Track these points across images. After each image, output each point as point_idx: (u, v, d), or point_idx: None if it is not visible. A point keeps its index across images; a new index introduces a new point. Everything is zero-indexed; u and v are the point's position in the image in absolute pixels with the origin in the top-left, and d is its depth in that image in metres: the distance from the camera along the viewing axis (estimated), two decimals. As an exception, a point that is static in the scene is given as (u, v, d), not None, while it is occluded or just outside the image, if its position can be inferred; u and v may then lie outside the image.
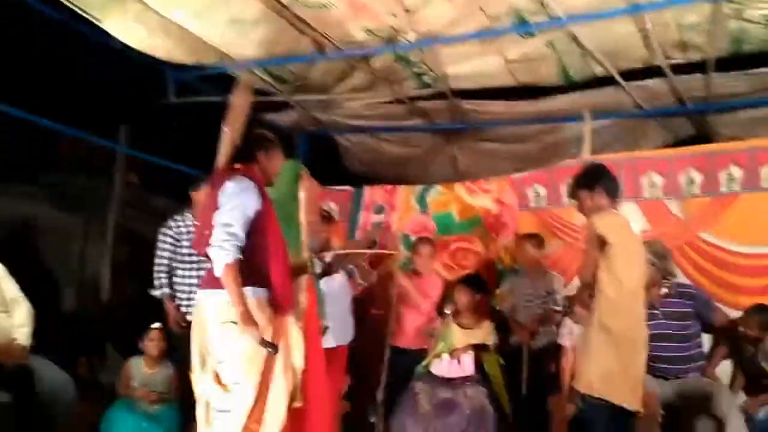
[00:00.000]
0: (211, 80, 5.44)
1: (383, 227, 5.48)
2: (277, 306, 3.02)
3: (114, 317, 5.34)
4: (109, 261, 5.73)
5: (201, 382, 2.99)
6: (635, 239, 3.46)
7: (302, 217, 3.72)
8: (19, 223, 5.22)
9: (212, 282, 2.97)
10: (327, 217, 4.73)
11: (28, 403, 3.24)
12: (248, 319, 2.83)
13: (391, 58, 5.08)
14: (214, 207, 2.99)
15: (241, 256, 2.89)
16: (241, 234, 2.91)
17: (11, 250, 4.34)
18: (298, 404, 3.20)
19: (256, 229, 2.98)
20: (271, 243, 3.04)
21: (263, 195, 3.06)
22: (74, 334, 5.02)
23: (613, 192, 3.45)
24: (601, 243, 3.27)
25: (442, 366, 4.31)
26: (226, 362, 2.92)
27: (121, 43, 4.50)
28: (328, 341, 4.35)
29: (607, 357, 3.25)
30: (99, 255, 5.79)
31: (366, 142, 6.47)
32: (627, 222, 3.46)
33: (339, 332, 4.43)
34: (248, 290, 2.91)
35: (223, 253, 2.85)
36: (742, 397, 4.04)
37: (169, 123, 5.67)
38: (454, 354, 4.31)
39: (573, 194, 3.57)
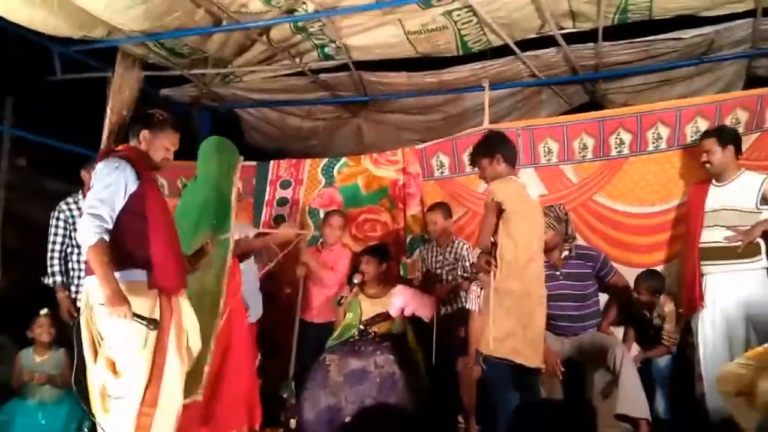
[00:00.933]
0: (101, 55, 5.17)
1: (290, 202, 5.42)
2: (160, 288, 2.95)
3: (5, 306, 5.05)
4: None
5: (94, 370, 2.90)
6: (532, 204, 3.57)
7: (234, 195, 3.67)
8: None
9: (90, 268, 2.90)
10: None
11: None
12: (115, 299, 2.74)
13: (290, 30, 4.98)
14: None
15: (106, 237, 2.81)
16: (107, 215, 2.83)
17: None
18: (198, 397, 3.21)
19: (132, 210, 2.90)
20: (151, 224, 2.95)
21: (143, 176, 2.97)
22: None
23: (511, 159, 3.57)
24: (499, 209, 3.38)
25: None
26: (116, 347, 2.85)
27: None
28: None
29: (507, 318, 3.36)
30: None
31: (269, 116, 6.37)
32: (524, 188, 3.57)
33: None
34: (119, 275, 2.83)
35: (86, 236, 2.79)
36: (635, 350, 4.30)
37: (56, 100, 5.36)
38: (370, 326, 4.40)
39: (474, 162, 3.68)
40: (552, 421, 3.82)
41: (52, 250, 4.20)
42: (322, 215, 5.23)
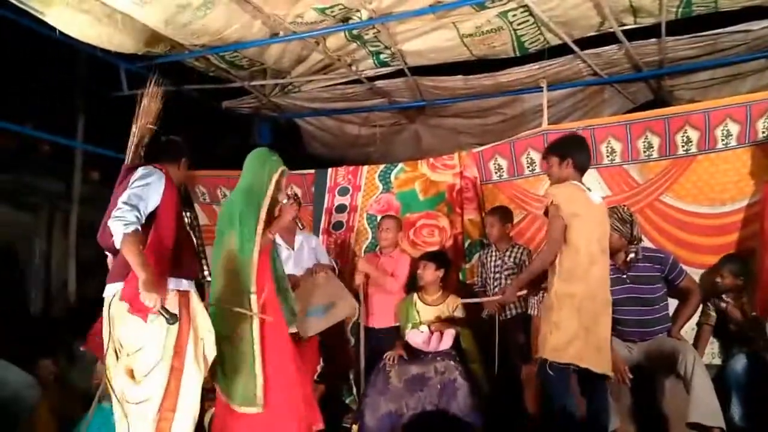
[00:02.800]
0: (167, 71, 5.34)
1: (348, 209, 5.45)
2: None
3: (80, 317, 5.25)
4: (74, 260, 5.64)
5: (115, 376, 2.96)
6: (593, 208, 3.50)
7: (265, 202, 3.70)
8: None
9: (114, 275, 2.98)
10: (295, 199, 4.71)
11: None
12: (150, 285, 2.78)
13: (345, 38, 5.02)
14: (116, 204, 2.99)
15: (139, 228, 2.87)
16: (142, 209, 2.91)
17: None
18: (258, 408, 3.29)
19: (167, 219, 2.99)
20: (188, 234, 3.14)
21: (167, 191, 3.05)
22: (39, 335, 4.94)
23: (582, 165, 3.55)
24: (554, 212, 3.36)
25: (419, 338, 4.31)
26: (136, 354, 2.91)
27: (68, 36, 4.38)
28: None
29: (570, 323, 3.29)
30: (62, 254, 5.70)
31: (327, 125, 6.44)
32: (584, 192, 3.51)
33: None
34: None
35: (121, 224, 2.82)
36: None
37: (124, 115, 5.55)
38: (434, 327, 4.33)
39: (546, 157, 3.65)
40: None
41: None
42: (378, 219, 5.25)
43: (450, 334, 4.34)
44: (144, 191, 2.95)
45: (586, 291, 3.34)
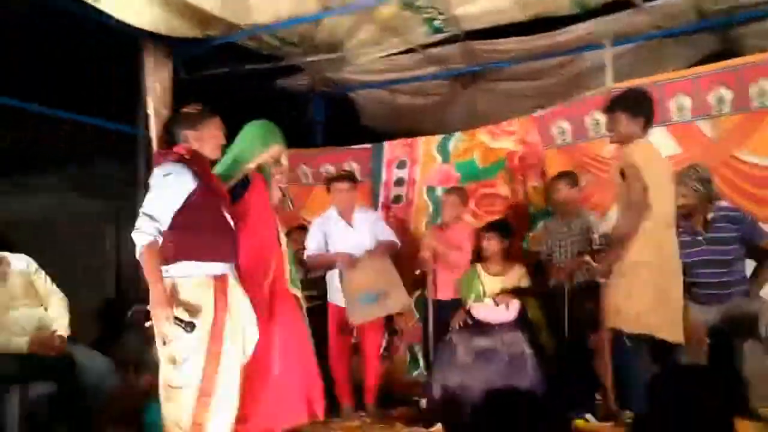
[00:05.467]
0: (219, 52, 5.37)
1: (407, 182, 5.41)
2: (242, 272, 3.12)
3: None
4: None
5: (161, 360, 2.99)
6: (667, 168, 3.35)
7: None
8: (48, 215, 5.29)
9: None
10: (350, 178, 4.68)
11: (71, 392, 3.32)
12: (160, 303, 2.77)
13: (397, 7, 4.92)
14: None
15: (159, 239, 2.85)
16: (161, 217, 2.86)
17: (42, 243, 4.41)
18: None
19: (197, 207, 2.93)
20: (223, 218, 3.05)
21: (199, 172, 2.99)
22: (114, 321, 5.11)
23: (649, 123, 3.40)
24: (635, 175, 3.19)
25: (485, 310, 4.25)
26: (175, 340, 2.90)
27: (121, 22, 4.43)
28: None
29: (645, 291, 3.19)
30: (132, 240, 5.85)
31: (381, 97, 6.38)
32: (659, 152, 3.37)
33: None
34: (183, 265, 2.91)
35: (139, 237, 2.84)
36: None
37: (182, 100, 5.63)
38: (500, 299, 4.27)
39: (610, 112, 3.46)
40: (697, 394, 3.59)
41: None
42: (439, 193, 5.18)
43: (515, 305, 4.27)
44: (163, 197, 2.89)
45: (661, 258, 3.23)
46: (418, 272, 4.79)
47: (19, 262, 3.50)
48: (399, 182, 5.45)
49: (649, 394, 3.22)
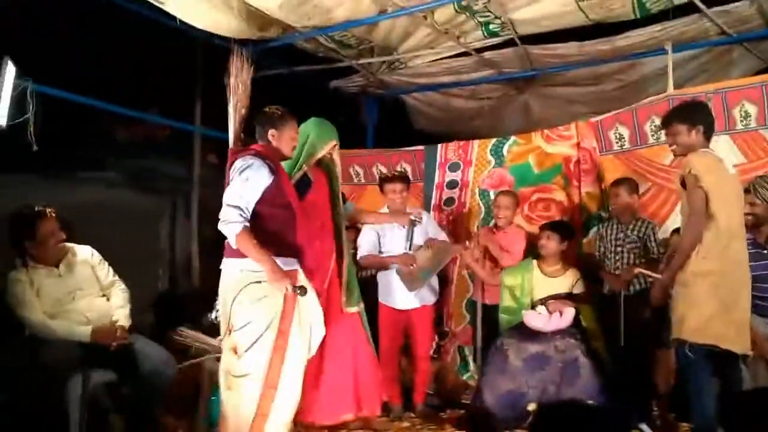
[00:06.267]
0: (277, 54, 5.44)
1: (459, 185, 5.38)
2: (306, 271, 3.24)
3: (202, 296, 5.50)
4: (196, 240, 5.91)
5: (224, 349, 3.10)
6: (731, 178, 3.31)
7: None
8: (106, 210, 5.42)
9: (230, 250, 3.10)
10: (404, 179, 4.69)
11: (132, 381, 3.39)
12: (276, 272, 2.97)
13: (454, 10, 4.91)
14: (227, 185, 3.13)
15: (248, 225, 2.99)
16: (247, 207, 3.01)
17: (103, 236, 4.52)
18: None
19: (269, 201, 3.08)
20: (292, 215, 3.18)
21: (276, 170, 3.15)
22: (170, 312, 5.22)
23: (709, 131, 3.35)
24: (694, 183, 3.15)
25: (537, 319, 4.19)
26: (241, 329, 3.01)
27: (185, 23, 4.54)
28: (413, 302, 4.37)
29: (709, 301, 3.12)
30: (187, 235, 5.98)
31: (434, 100, 6.37)
32: (722, 161, 3.31)
33: (423, 293, 4.42)
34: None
35: (230, 227, 2.98)
36: None
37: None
38: (552, 307, 4.20)
39: (668, 126, 3.42)
40: (758, 410, 3.48)
41: None
42: (492, 196, 5.15)
43: (569, 312, 4.20)
44: (244, 188, 3.04)
45: (725, 268, 3.16)
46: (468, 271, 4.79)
47: (84, 253, 3.59)
48: (451, 185, 5.42)
49: (725, 414, 3.16)
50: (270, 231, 3.07)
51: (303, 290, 3.05)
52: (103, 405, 3.42)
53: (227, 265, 3.14)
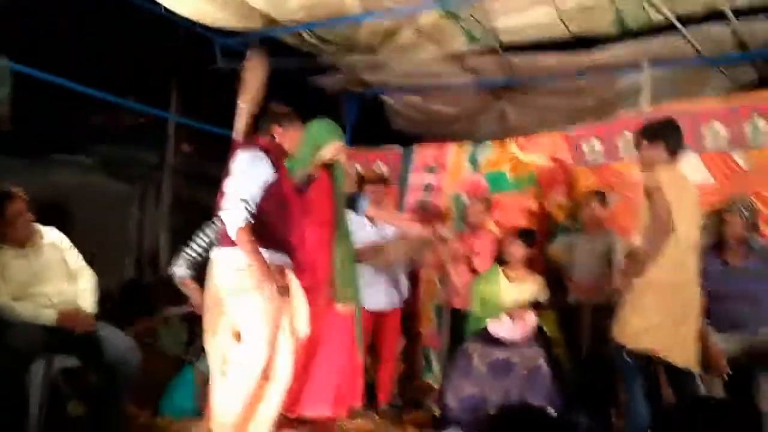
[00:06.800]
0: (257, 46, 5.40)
1: (434, 188, 5.41)
2: (297, 271, 3.27)
3: (171, 283, 5.45)
4: (166, 229, 5.85)
5: (214, 339, 3.12)
6: (692, 194, 3.41)
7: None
8: (77, 194, 5.34)
9: (226, 240, 3.12)
10: (385, 181, 4.75)
11: (96, 368, 3.36)
12: (264, 272, 3.02)
13: (438, 15, 4.94)
14: (228, 176, 3.17)
15: (251, 220, 3.04)
16: (253, 200, 3.06)
17: (72, 220, 4.46)
18: None
19: (269, 197, 3.12)
20: (288, 211, 3.22)
21: (277, 166, 3.20)
22: (136, 300, 5.16)
23: (674, 147, 3.44)
24: (659, 195, 3.24)
25: (500, 327, 4.24)
26: (240, 319, 3.06)
27: (168, 11, 4.50)
28: (383, 303, 4.39)
29: (658, 311, 3.22)
30: (156, 224, 5.92)
31: (414, 102, 6.38)
32: (685, 177, 3.42)
33: (392, 295, 4.45)
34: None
35: (235, 219, 3.02)
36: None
37: (217, 89, 5.68)
38: (516, 314, 4.25)
39: (636, 140, 3.56)
40: (710, 423, 3.57)
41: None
42: (465, 201, 5.20)
43: (532, 319, 4.27)
44: (248, 181, 3.08)
45: (681, 280, 3.26)
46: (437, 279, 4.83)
47: (53, 236, 3.54)
48: (427, 188, 5.46)
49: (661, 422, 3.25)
50: (265, 224, 3.10)
51: (285, 291, 3.11)
52: (65, 391, 3.39)
53: (223, 253, 3.15)
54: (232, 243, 3.08)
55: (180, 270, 4.20)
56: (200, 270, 4.42)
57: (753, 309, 3.76)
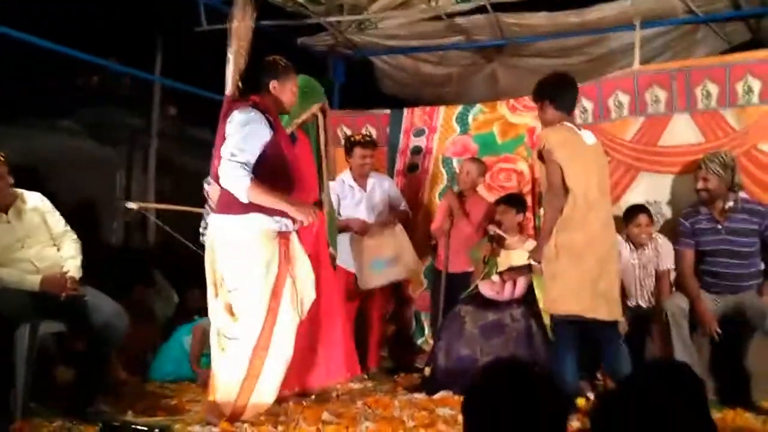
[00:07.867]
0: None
1: (424, 150, 5.36)
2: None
3: (161, 251, 5.43)
4: (153, 193, 5.80)
5: (214, 309, 3.04)
6: (587, 150, 3.37)
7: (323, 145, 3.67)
8: (63, 157, 5.27)
9: (223, 206, 3.04)
10: (370, 143, 4.68)
11: (82, 332, 3.33)
12: (298, 207, 2.98)
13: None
14: (223, 138, 3.03)
15: (252, 175, 2.92)
16: (249, 159, 2.92)
17: (57, 185, 4.40)
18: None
19: (267, 158, 2.99)
20: (285, 169, 3.09)
21: (274, 125, 3.06)
22: (124, 264, 5.13)
23: (564, 106, 3.42)
24: (548, 158, 3.26)
25: (491, 287, 4.23)
26: (235, 292, 2.97)
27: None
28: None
29: (573, 273, 3.22)
30: (142, 187, 5.86)
31: (403, 63, 6.28)
32: (576, 134, 3.39)
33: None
34: (254, 216, 2.96)
35: (238, 182, 2.90)
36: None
37: (203, 51, 5.57)
38: (506, 276, 4.24)
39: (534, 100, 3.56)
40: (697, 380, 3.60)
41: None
42: (455, 164, 5.15)
43: (523, 281, 4.26)
44: (245, 141, 2.95)
45: (587, 239, 3.25)
46: (433, 242, 4.81)
47: (35, 199, 3.47)
48: (416, 150, 5.40)
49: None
50: (270, 189, 2.98)
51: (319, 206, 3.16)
52: (51, 355, 3.36)
53: (219, 221, 3.06)
54: (226, 209, 3.00)
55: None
56: None
57: (739, 267, 3.77)
